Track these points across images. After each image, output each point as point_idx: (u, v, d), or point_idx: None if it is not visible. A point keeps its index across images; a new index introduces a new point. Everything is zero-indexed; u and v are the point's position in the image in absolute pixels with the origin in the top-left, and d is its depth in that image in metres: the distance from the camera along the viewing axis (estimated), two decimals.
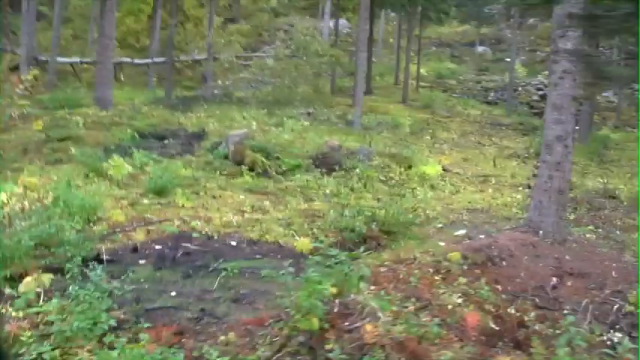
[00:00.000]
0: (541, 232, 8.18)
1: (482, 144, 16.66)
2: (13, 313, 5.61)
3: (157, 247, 7.96)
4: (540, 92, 23.27)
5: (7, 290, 6.23)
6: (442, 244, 7.92)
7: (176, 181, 10.47)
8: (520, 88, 23.49)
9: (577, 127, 16.50)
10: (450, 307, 6.18)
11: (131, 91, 20.35)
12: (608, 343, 5.51)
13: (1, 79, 18.51)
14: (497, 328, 5.86)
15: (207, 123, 14.91)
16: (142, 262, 7.43)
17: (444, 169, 12.48)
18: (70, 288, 6.21)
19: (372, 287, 6.35)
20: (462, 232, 8.78)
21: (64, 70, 22.26)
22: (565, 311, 6.18)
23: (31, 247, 6.95)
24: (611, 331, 5.74)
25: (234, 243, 8.31)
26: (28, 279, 6.41)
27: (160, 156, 12.20)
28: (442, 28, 35.27)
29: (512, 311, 6.12)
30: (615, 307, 6.13)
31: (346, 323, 5.39)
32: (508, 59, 28.94)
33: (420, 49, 25.91)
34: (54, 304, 5.62)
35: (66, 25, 26.17)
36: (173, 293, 6.59)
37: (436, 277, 6.70)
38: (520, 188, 11.89)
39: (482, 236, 8.35)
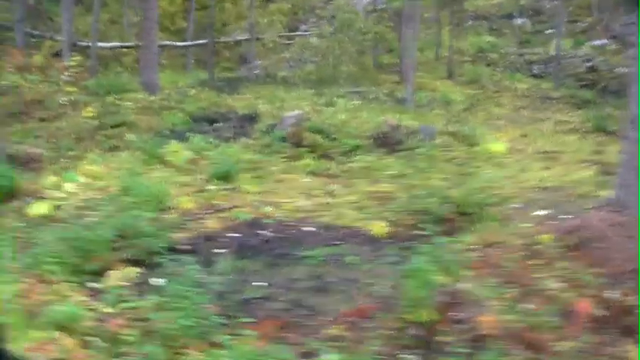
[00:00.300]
0: (629, 211, 7.83)
1: (537, 119, 16.24)
2: (105, 309, 5.46)
3: (232, 235, 7.76)
4: (588, 64, 22.64)
5: (93, 285, 6.09)
6: (527, 225, 7.63)
7: (238, 165, 10.27)
8: (565, 60, 22.82)
9: None
10: (551, 292, 5.93)
11: (172, 74, 20.16)
12: None
13: (44, 65, 18.45)
14: (603, 315, 5.59)
15: (257, 104, 14.65)
16: (220, 251, 7.24)
17: (508, 147, 12.12)
18: (159, 281, 6.07)
19: (467, 273, 6.12)
20: (542, 212, 8.45)
21: (104, 55, 22.14)
22: None
23: (110, 239, 6.79)
24: None
25: (308, 229, 8.08)
26: (113, 273, 6.26)
27: (215, 140, 11.97)
28: (478, 0, 34.52)
29: (615, 296, 5.84)
30: None
31: (456, 313, 5.16)
32: (548, 31, 28.19)
33: (460, 23, 25.37)
34: (149, 300, 5.46)
35: (101, 10, 26.03)
36: (259, 283, 6.40)
37: (531, 261, 6.44)
38: (587, 164, 11.50)
39: (567, 217, 8.03)
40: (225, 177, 9.82)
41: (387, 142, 11.36)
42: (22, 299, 4.94)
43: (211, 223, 8.09)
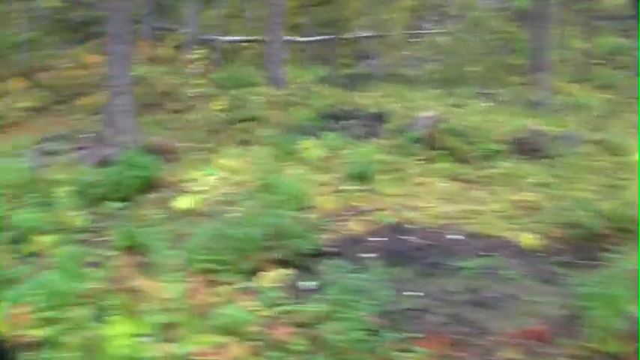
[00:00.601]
0: None
1: None
2: (263, 312, 5.32)
3: (377, 239, 7.51)
4: None
5: (248, 285, 5.98)
6: None
7: (372, 166, 10.00)
8: None
9: None
10: None
11: (293, 69, 20.12)
12: None
13: (171, 58, 18.83)
14: None
15: (384, 103, 14.28)
16: (366, 255, 6.99)
17: None
18: (312, 284, 5.91)
19: None
20: None
21: (224, 48, 22.41)
22: None
23: (260, 238, 6.67)
24: None
25: (454, 236, 7.71)
26: (266, 273, 6.13)
27: (345, 138, 11.72)
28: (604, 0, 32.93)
29: None
30: None
31: None
32: None
33: (587, 23, 24.23)
34: (307, 305, 5.29)
35: (222, 5, 26.43)
36: (413, 293, 6.12)
37: None
38: None
39: None
40: (360, 177, 9.57)
41: (526, 147, 10.81)
42: (188, 299, 4.85)
43: (354, 226, 7.87)
